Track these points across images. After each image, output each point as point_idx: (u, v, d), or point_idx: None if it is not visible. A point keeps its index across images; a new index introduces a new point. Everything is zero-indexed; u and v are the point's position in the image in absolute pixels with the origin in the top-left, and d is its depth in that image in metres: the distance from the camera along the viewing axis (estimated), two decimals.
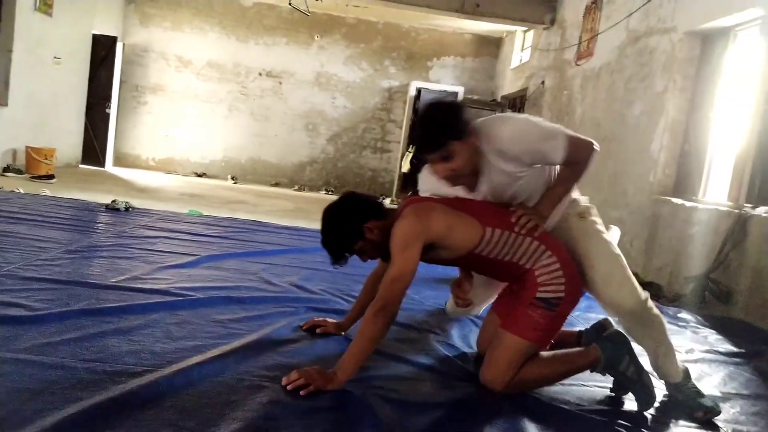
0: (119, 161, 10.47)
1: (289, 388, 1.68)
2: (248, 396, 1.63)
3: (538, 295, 1.87)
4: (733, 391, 2.21)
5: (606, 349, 1.92)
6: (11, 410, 1.40)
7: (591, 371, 1.94)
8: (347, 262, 1.99)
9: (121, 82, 10.29)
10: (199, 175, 10.55)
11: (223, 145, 10.83)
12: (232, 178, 10.46)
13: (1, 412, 1.38)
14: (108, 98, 9.81)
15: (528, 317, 1.87)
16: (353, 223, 1.91)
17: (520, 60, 9.45)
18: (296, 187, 10.53)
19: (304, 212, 7.04)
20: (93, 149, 9.75)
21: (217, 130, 10.78)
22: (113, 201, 4.86)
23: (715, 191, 4.28)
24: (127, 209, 4.77)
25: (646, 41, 5.17)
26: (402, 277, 1.78)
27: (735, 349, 2.76)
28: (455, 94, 10.65)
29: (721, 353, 2.69)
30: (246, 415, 1.51)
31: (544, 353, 1.95)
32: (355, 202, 2.00)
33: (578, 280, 1.92)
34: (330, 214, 1.97)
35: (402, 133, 10.92)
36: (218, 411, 1.52)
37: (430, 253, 1.90)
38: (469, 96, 9.97)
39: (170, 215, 4.90)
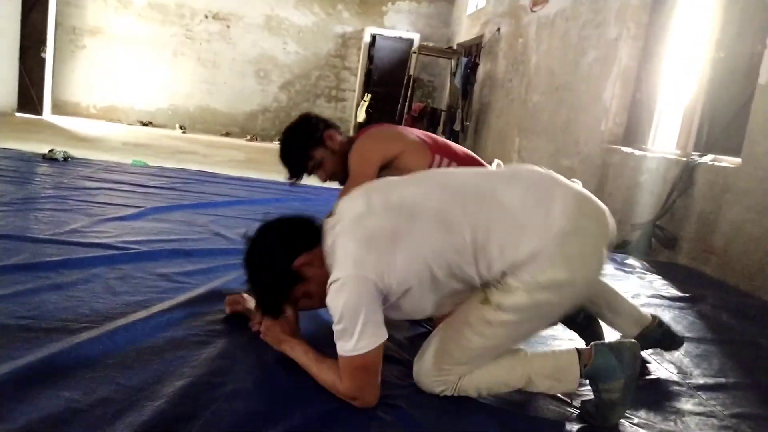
0: (58, 109, 9.91)
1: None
2: (195, 351, 1.57)
3: None
4: (678, 335, 2.27)
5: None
6: None
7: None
8: (301, 180, 2.15)
9: (57, 24, 9.63)
10: (145, 124, 10.12)
11: (169, 93, 10.37)
12: (181, 128, 10.08)
13: None
14: (43, 42, 9.21)
15: None
16: (314, 130, 2.10)
17: (476, 6, 9.28)
18: (248, 137, 10.24)
19: (255, 163, 6.86)
20: (29, 96, 9.19)
21: (162, 76, 10.29)
22: (50, 151, 4.60)
23: (665, 140, 4.34)
24: (65, 159, 4.53)
25: None
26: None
27: (679, 294, 2.85)
28: (410, 41, 10.44)
29: (666, 298, 2.77)
30: (193, 372, 1.45)
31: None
32: (315, 117, 2.21)
33: None
34: (292, 125, 2.17)
35: (357, 81, 10.70)
36: (163, 367, 1.46)
37: (384, 172, 1.99)
38: (425, 43, 9.78)
39: (112, 166, 4.68)
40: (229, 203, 3.77)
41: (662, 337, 1.81)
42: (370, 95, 10.15)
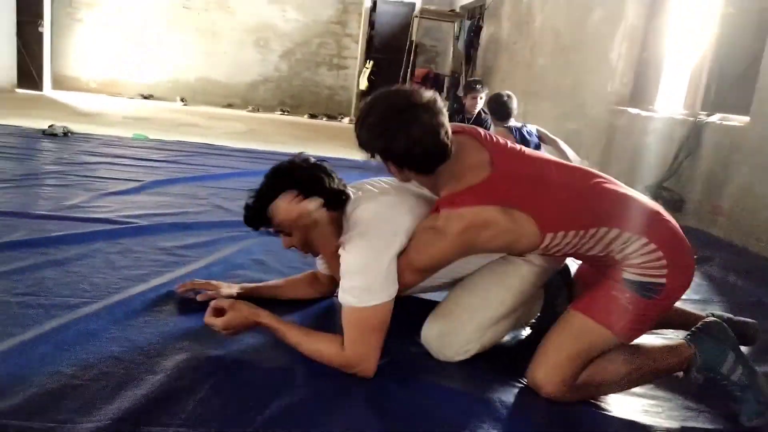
0: (58, 84, 9.83)
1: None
2: (195, 325, 1.56)
3: (627, 276, 1.35)
4: (684, 297, 2.25)
5: (703, 346, 1.41)
6: None
7: (683, 375, 1.42)
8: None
9: None
10: (146, 97, 10.03)
11: (169, 65, 10.24)
12: (182, 100, 9.99)
13: None
14: (40, 15, 9.07)
15: (612, 299, 1.36)
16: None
17: None
18: (250, 108, 10.14)
19: (258, 134, 6.80)
20: (29, 72, 9.09)
21: (161, 48, 10.14)
22: (50, 126, 4.57)
23: (672, 100, 4.25)
24: (65, 134, 4.50)
25: None
26: None
27: None
28: (412, 5, 10.23)
29: None
30: (193, 345, 1.44)
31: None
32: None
33: (685, 263, 1.40)
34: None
35: (359, 49, 10.52)
36: (163, 341, 1.45)
37: None
38: (427, 6, 9.58)
39: (113, 140, 4.65)
40: (230, 175, 3.75)
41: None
42: (372, 62, 9.99)
